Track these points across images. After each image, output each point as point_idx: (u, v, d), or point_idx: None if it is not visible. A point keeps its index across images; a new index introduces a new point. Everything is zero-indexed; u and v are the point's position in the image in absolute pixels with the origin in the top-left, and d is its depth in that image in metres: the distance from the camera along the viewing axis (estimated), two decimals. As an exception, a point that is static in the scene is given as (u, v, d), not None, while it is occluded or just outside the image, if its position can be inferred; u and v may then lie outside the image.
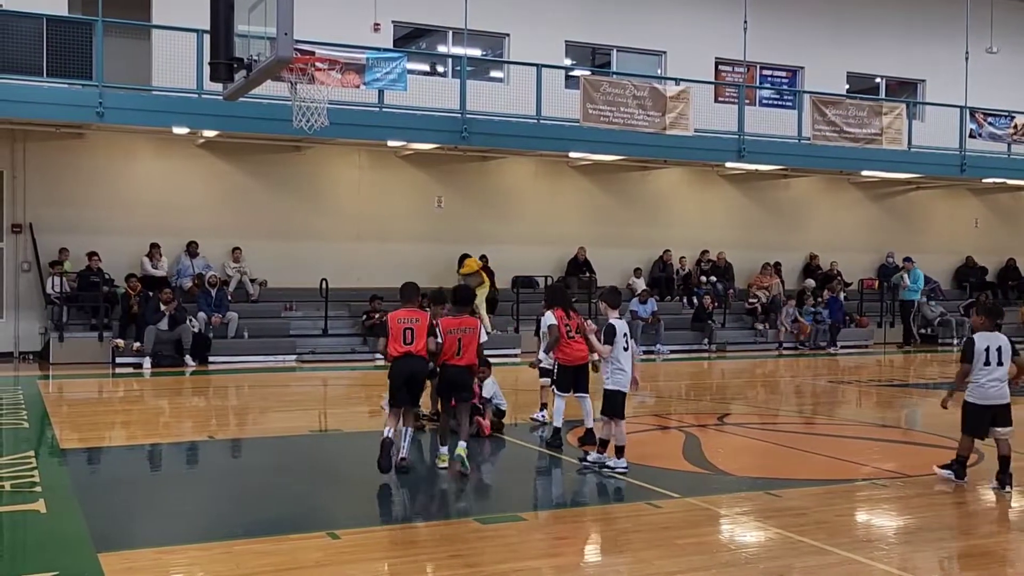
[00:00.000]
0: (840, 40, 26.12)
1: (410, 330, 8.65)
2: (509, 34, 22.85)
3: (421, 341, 8.65)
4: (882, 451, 10.67)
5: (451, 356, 8.76)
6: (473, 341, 8.88)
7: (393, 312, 8.97)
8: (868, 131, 22.95)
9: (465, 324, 8.87)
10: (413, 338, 8.63)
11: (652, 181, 24.33)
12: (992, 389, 8.36)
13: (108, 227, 19.25)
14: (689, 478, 8.82)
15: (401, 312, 8.84)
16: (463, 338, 8.81)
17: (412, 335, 8.63)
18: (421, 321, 8.75)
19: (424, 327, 8.71)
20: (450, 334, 8.76)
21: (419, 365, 8.73)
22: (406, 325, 8.68)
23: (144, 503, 8.02)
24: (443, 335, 8.74)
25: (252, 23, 9.59)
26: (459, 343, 8.77)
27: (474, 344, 8.88)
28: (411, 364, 8.67)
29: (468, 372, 8.97)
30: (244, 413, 13.25)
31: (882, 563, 6.34)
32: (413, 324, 8.69)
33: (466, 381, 8.97)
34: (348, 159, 21.29)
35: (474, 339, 8.88)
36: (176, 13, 17.85)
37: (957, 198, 27.94)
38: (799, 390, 16.52)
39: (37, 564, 6.17)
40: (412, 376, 8.74)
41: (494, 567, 6.19)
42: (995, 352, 8.37)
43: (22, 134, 18.55)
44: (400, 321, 8.72)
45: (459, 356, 8.77)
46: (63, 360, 17.49)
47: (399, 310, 8.90)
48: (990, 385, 8.36)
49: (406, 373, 8.68)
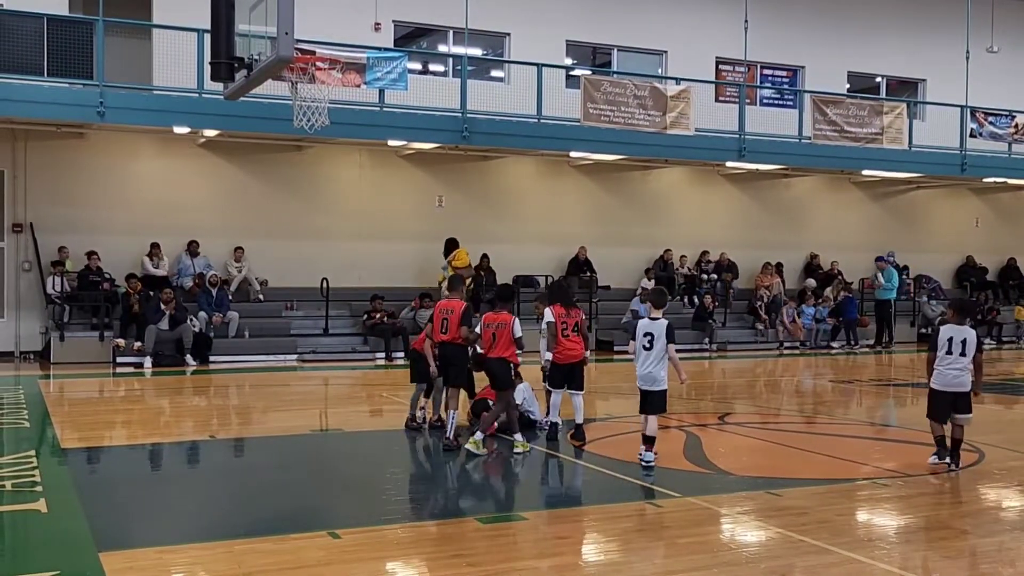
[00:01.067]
0: (841, 39, 26.12)
1: (445, 320, 9.81)
2: (510, 34, 22.84)
3: (455, 329, 9.73)
4: (883, 450, 10.67)
5: (487, 348, 9.81)
6: (503, 335, 9.75)
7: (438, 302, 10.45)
8: (869, 131, 22.95)
9: (500, 319, 9.80)
10: (447, 327, 9.77)
11: (653, 181, 24.33)
12: (951, 376, 9.02)
13: (109, 226, 19.25)
14: (690, 478, 8.82)
15: (442, 302, 10.15)
16: (497, 332, 9.76)
17: (446, 324, 9.78)
18: (455, 311, 9.77)
19: (457, 316, 9.74)
20: (487, 328, 9.81)
21: (450, 351, 9.87)
22: (443, 315, 9.86)
23: (145, 502, 8.02)
24: (482, 328, 9.86)
25: (253, 22, 9.59)
26: (493, 337, 9.74)
27: (504, 338, 9.72)
28: (444, 350, 9.92)
29: (499, 364, 9.79)
30: (245, 413, 13.25)
31: (883, 562, 6.34)
32: (448, 314, 9.80)
33: (494, 370, 9.84)
34: (349, 158, 21.29)
35: (504, 333, 9.74)
36: (177, 12, 17.86)
37: (958, 197, 27.94)
38: (800, 389, 16.52)
39: (38, 563, 6.18)
40: (446, 360, 9.94)
41: (495, 566, 6.19)
42: (959, 343, 9.00)
43: (23, 133, 18.55)
44: (440, 311, 9.97)
45: (492, 349, 9.75)
46: (64, 360, 17.49)
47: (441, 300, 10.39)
48: (949, 372, 9.03)
49: (443, 357, 9.97)
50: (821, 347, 23.14)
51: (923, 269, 26.99)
